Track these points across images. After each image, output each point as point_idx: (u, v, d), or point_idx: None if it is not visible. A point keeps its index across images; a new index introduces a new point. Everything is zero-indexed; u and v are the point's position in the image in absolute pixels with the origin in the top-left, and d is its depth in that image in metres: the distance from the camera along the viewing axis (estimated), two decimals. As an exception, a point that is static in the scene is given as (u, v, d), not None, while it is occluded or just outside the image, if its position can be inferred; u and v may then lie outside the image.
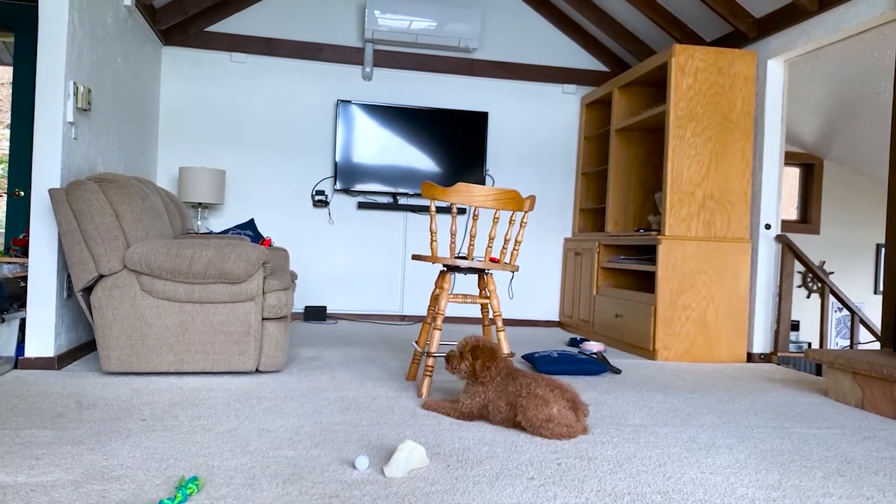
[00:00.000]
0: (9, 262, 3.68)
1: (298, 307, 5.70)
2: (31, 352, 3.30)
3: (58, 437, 2.22)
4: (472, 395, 2.64)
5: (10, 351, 3.32)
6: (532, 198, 3.18)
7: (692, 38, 5.20)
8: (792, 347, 5.17)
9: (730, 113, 4.61)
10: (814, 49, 4.36)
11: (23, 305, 3.46)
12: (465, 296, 3.17)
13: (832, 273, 7.53)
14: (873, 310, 7.36)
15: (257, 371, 3.39)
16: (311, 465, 2.05)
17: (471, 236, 3.18)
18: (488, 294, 3.19)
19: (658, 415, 2.92)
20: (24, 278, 3.50)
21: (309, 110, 5.77)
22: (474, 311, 6.02)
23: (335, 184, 5.67)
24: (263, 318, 3.34)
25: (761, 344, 4.66)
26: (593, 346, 4.59)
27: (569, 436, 2.45)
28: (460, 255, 5.78)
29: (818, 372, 4.75)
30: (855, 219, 7.65)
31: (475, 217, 3.16)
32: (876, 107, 5.50)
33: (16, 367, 3.30)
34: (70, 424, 2.38)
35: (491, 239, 3.19)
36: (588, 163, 6.05)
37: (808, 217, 7.61)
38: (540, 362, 3.78)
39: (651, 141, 5.49)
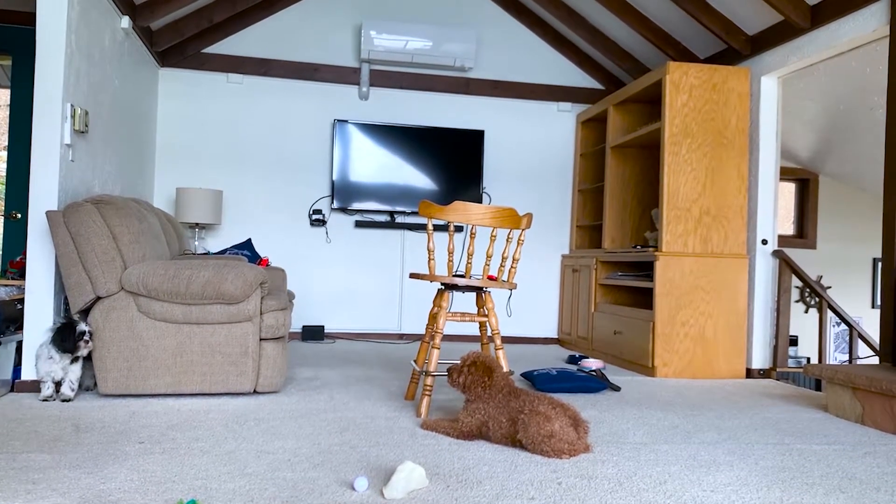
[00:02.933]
0: (5, 285, 3.67)
1: (296, 327, 5.68)
2: (27, 375, 3.28)
3: (55, 461, 2.20)
4: (471, 413, 2.64)
5: (7, 374, 3.30)
6: (529, 215, 3.19)
7: (686, 55, 5.25)
8: (791, 363, 5.16)
9: (725, 129, 4.64)
10: (807, 65, 4.39)
11: (19, 328, 3.45)
12: (463, 314, 3.16)
13: (830, 288, 7.53)
14: (871, 324, 7.36)
15: (255, 392, 3.38)
16: (310, 486, 2.04)
17: (468, 254, 3.18)
18: (486, 312, 3.19)
19: (658, 432, 2.91)
20: (21, 301, 3.49)
21: (306, 130, 5.79)
22: (473, 329, 6.00)
23: (332, 203, 5.68)
24: (261, 339, 3.33)
25: (760, 359, 4.65)
26: (592, 364, 4.58)
27: (570, 453, 2.43)
28: (458, 273, 5.77)
29: (817, 387, 4.74)
30: (851, 233, 7.67)
31: (473, 235, 3.17)
32: (870, 122, 5.53)
33: (12, 390, 3.29)
34: (67, 448, 2.36)
35: (488, 257, 3.19)
36: (584, 180, 6.07)
37: (804, 232, 7.63)
38: (539, 380, 3.77)
39: (647, 157, 5.52)
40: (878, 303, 7.56)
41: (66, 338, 3.04)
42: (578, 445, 2.46)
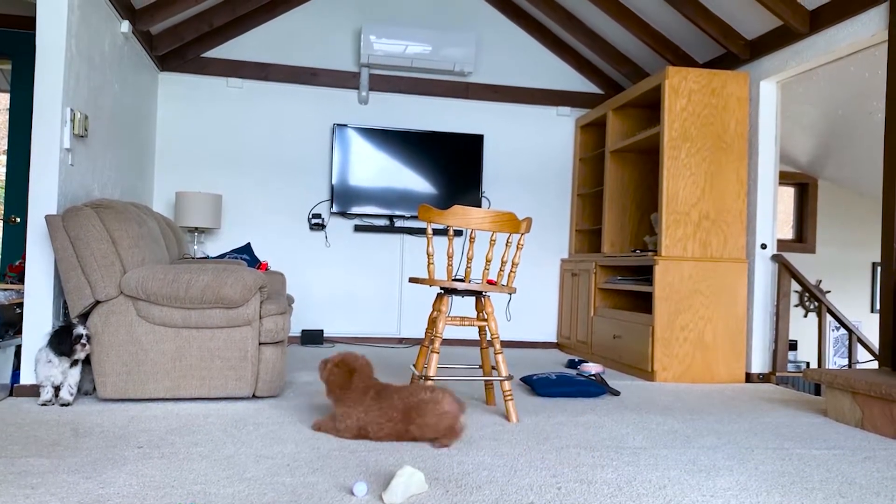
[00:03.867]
0: (5, 289, 3.67)
1: (295, 331, 5.68)
2: (26, 379, 3.28)
3: (53, 466, 2.20)
4: (343, 417, 2.64)
5: (6, 378, 3.30)
6: (528, 220, 3.19)
7: (685, 60, 5.25)
8: (790, 367, 5.16)
9: (724, 133, 4.64)
10: (806, 70, 4.40)
11: (18, 332, 3.45)
12: (462, 318, 3.16)
13: (829, 292, 7.53)
14: (871, 328, 7.36)
15: (254, 396, 3.37)
16: (310, 491, 2.03)
17: (468, 258, 3.18)
18: (486, 316, 3.19)
19: (658, 437, 2.91)
20: (20, 305, 3.49)
21: (305, 134, 5.79)
22: (472, 333, 6.00)
23: (332, 207, 5.68)
24: (260, 343, 3.33)
25: (759, 364, 4.65)
26: (592, 368, 4.58)
27: (460, 432, 2.60)
28: (457, 277, 5.77)
29: (817, 392, 4.74)
30: (850, 238, 7.67)
31: (472, 239, 3.17)
32: (869, 126, 5.54)
33: (11, 394, 3.28)
34: (66, 453, 2.36)
35: (488, 261, 3.19)
36: (583, 184, 6.07)
37: (803, 236, 7.63)
38: (538, 384, 3.76)
39: (646, 162, 5.52)
40: (878, 307, 7.56)
41: (62, 341, 3.04)
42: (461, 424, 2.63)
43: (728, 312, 4.56)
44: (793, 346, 6.84)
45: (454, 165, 5.85)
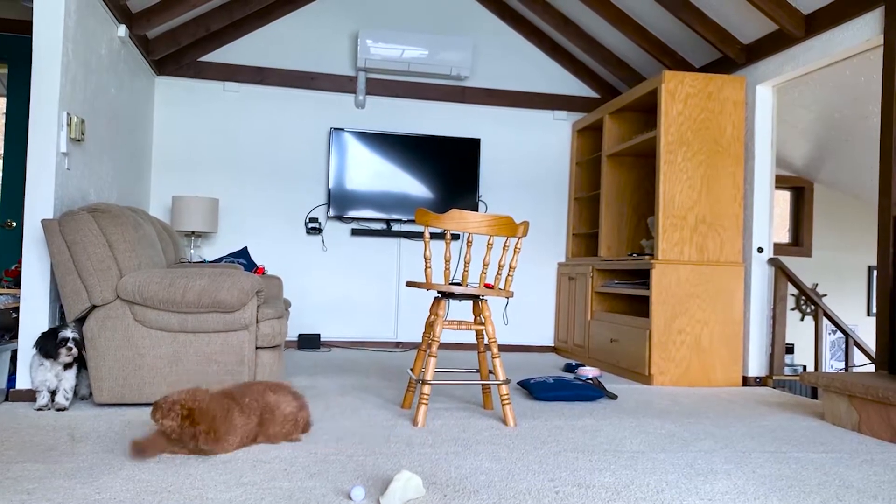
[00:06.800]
0: (1, 294, 3.66)
1: (292, 335, 5.67)
2: (22, 384, 3.27)
3: (49, 471, 2.19)
4: (228, 446, 2.44)
5: (2, 383, 3.29)
6: (525, 224, 3.19)
7: (681, 64, 5.27)
8: (787, 370, 5.17)
9: (720, 137, 4.65)
10: (802, 74, 4.41)
11: (14, 337, 3.44)
12: (460, 322, 3.16)
13: (825, 296, 7.55)
14: (867, 332, 7.37)
15: (251, 401, 3.36)
16: (307, 496, 2.03)
17: (465, 262, 3.18)
18: (483, 320, 3.19)
19: (655, 440, 2.91)
20: (16, 309, 3.48)
21: (302, 138, 5.79)
22: (469, 337, 6.00)
23: (328, 211, 5.67)
24: (257, 347, 3.32)
25: (756, 367, 4.65)
26: (589, 372, 4.58)
27: (304, 424, 2.70)
28: (455, 281, 5.77)
29: (814, 395, 4.74)
30: (847, 241, 7.69)
31: (469, 243, 3.17)
32: (865, 131, 5.55)
33: (7, 399, 3.27)
34: (62, 458, 2.35)
35: (485, 265, 3.19)
36: (580, 188, 6.08)
37: (799, 240, 7.65)
38: (536, 388, 3.76)
39: (642, 166, 5.53)
40: (874, 311, 7.58)
41: (48, 344, 3.04)
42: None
43: (725, 316, 4.57)
44: (789, 349, 6.85)
45: (451, 169, 5.85)
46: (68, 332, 3.07)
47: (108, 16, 4.11)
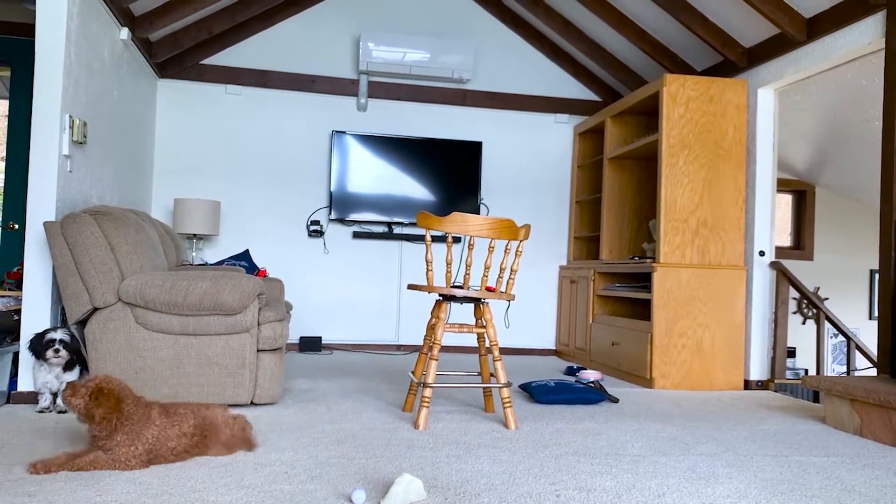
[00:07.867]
0: (2, 296, 3.66)
1: (293, 338, 5.67)
2: (24, 386, 3.27)
3: (51, 474, 2.19)
4: (126, 444, 2.26)
5: (4, 385, 3.29)
6: (527, 227, 3.19)
7: (683, 67, 5.27)
8: (788, 374, 5.16)
9: (722, 141, 4.65)
10: (803, 78, 4.42)
11: (16, 339, 3.44)
12: (461, 325, 3.16)
13: (827, 299, 7.54)
14: (869, 336, 7.36)
15: (252, 403, 3.36)
16: (308, 499, 2.03)
17: (466, 265, 3.18)
18: (484, 323, 3.19)
19: (656, 444, 2.90)
20: (18, 311, 3.48)
21: (304, 141, 5.80)
22: (471, 340, 6.00)
23: (330, 214, 5.68)
24: (258, 350, 3.32)
25: (758, 371, 4.65)
26: (590, 375, 4.57)
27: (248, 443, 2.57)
28: (456, 284, 5.78)
29: (815, 399, 4.73)
30: (848, 245, 7.68)
31: (471, 246, 3.17)
32: (866, 134, 5.55)
33: (9, 401, 3.27)
34: (63, 460, 2.34)
35: (486, 268, 3.19)
36: (582, 191, 6.08)
37: (801, 243, 7.64)
38: (537, 391, 3.76)
39: (644, 169, 5.53)
40: (876, 314, 7.57)
41: (37, 345, 3.04)
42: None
43: (726, 319, 4.57)
44: (791, 353, 6.85)
45: (452, 172, 5.86)
46: (56, 334, 3.06)
47: (111, 18, 4.12)
